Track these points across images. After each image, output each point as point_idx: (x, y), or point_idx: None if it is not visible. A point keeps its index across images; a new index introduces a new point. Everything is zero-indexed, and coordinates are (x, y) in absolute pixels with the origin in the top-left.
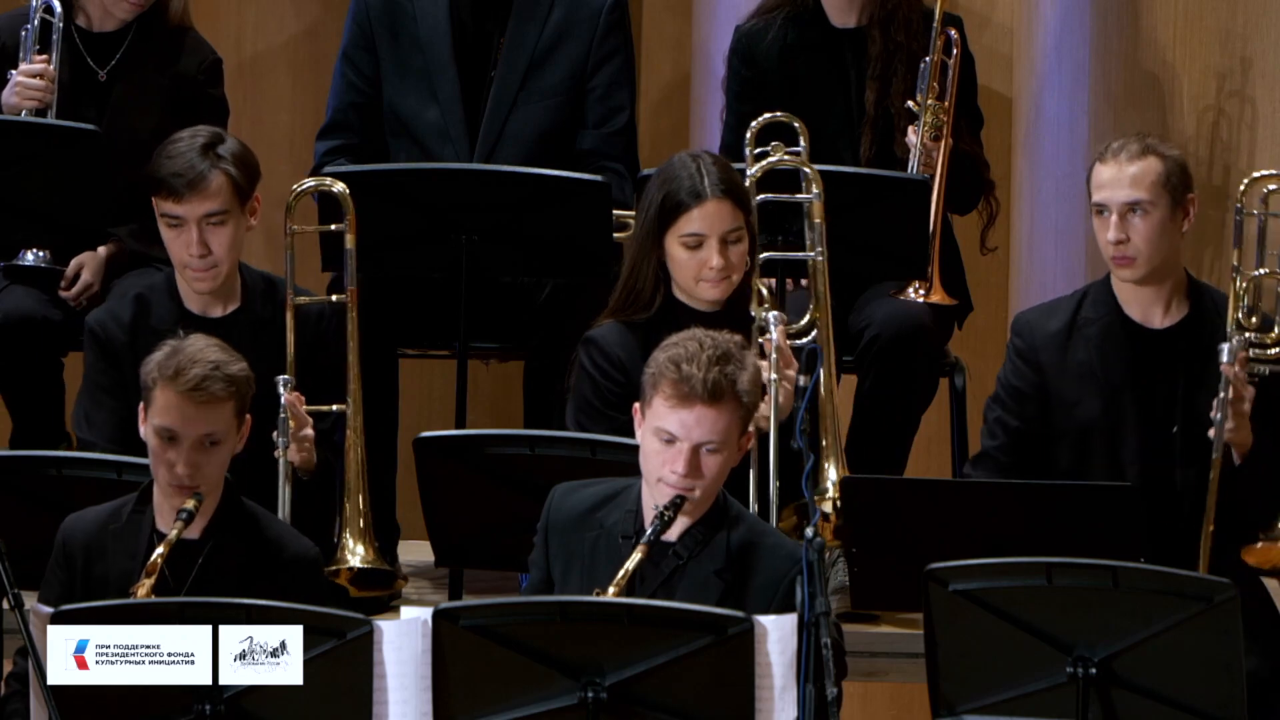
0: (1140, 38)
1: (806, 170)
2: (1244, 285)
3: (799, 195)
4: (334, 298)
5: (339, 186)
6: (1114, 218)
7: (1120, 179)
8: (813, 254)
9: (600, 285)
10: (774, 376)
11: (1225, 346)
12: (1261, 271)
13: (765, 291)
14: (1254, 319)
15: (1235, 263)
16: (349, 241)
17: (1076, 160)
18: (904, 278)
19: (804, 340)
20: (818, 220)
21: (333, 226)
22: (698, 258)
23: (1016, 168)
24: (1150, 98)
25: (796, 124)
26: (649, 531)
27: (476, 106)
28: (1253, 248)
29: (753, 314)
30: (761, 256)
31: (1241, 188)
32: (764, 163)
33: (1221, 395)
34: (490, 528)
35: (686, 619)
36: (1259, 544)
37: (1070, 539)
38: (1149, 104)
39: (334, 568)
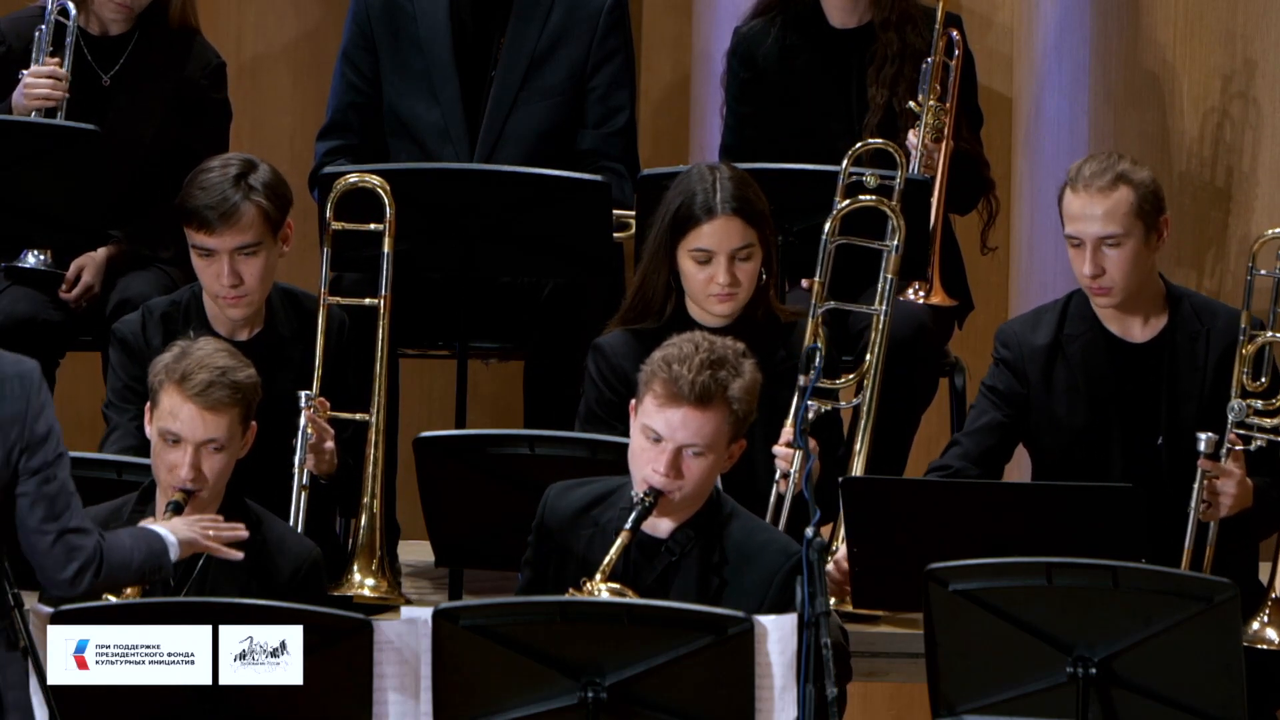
0: (1140, 38)
1: (891, 216)
2: (1252, 347)
3: (877, 243)
4: (367, 301)
5: (379, 182)
6: (1088, 250)
7: (1091, 213)
8: (880, 309)
9: (601, 285)
10: (787, 460)
11: (1202, 437)
12: (1273, 335)
13: (821, 336)
14: (1262, 380)
15: (1244, 324)
16: (387, 244)
17: (1076, 160)
18: (904, 278)
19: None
20: (891, 275)
21: (371, 226)
22: (706, 272)
23: (1016, 168)
24: (1150, 98)
25: (893, 151)
26: (631, 518)
27: (476, 106)
28: (1267, 307)
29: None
30: (824, 307)
31: (1254, 247)
32: (846, 204)
33: (1197, 486)
34: (490, 528)
35: (686, 619)
36: None
37: (1070, 539)
38: (1149, 104)
39: (345, 593)
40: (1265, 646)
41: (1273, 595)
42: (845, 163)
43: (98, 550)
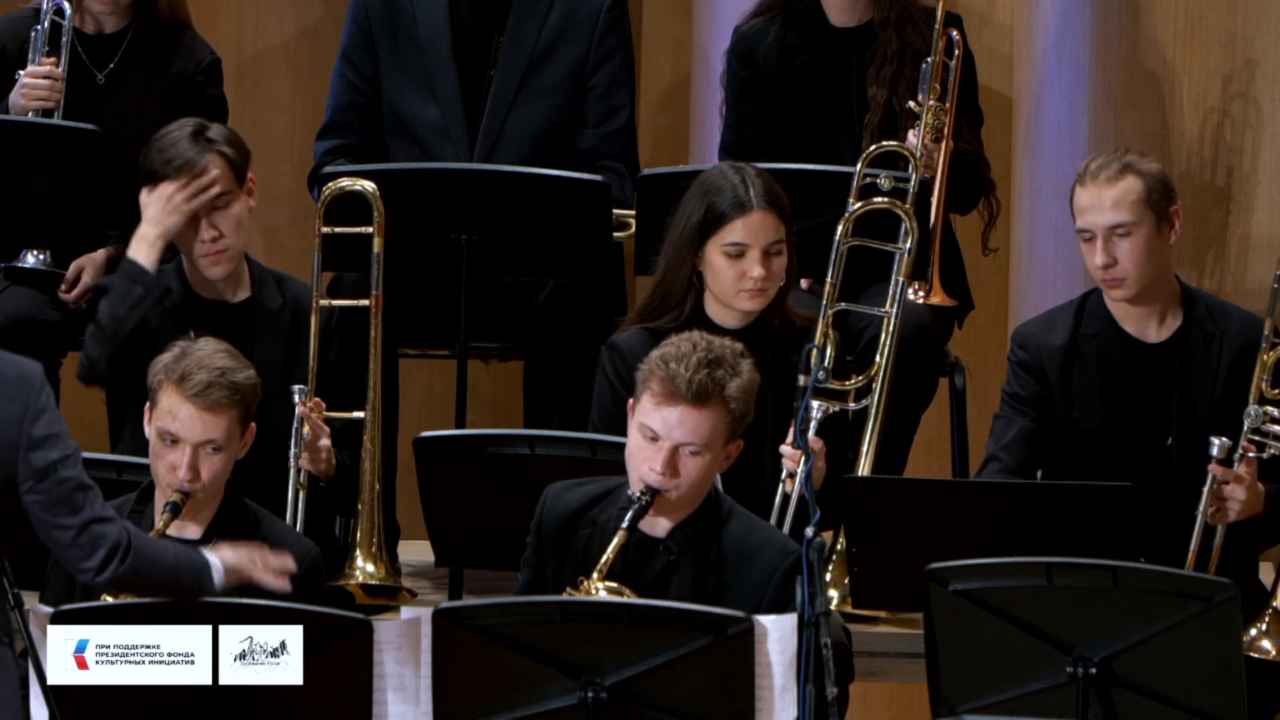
0: (1140, 38)
1: (905, 219)
2: (1273, 355)
3: (890, 246)
4: (359, 302)
5: (368, 186)
6: (1099, 242)
7: (1100, 203)
8: (890, 310)
9: (600, 285)
10: (795, 461)
11: (1215, 442)
12: None
13: (831, 338)
14: None
15: (1266, 332)
16: (377, 245)
17: (1076, 160)
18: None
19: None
20: (903, 278)
21: (361, 229)
22: (739, 268)
23: (1016, 168)
24: (1150, 98)
25: (907, 154)
26: (627, 516)
27: (476, 106)
28: None
29: (802, 373)
30: (836, 308)
31: None
32: (859, 206)
33: (1206, 490)
34: (490, 528)
35: (686, 619)
36: None
37: (1070, 539)
38: (1149, 104)
39: (342, 583)
40: (1259, 656)
41: (1273, 605)
42: (860, 165)
43: (124, 535)
